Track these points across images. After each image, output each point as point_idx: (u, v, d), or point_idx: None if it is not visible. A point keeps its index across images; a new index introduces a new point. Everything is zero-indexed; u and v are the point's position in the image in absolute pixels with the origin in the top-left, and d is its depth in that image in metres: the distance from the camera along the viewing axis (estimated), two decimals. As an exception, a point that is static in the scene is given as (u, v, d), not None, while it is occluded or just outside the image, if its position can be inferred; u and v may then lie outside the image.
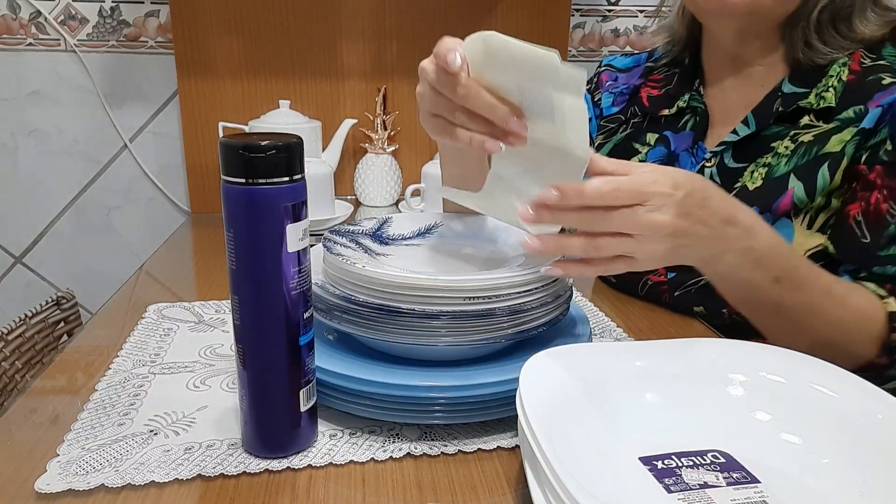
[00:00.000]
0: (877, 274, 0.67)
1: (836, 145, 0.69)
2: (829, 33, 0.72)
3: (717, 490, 0.42)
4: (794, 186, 0.71)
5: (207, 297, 0.81)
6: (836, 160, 0.69)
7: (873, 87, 0.69)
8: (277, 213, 0.44)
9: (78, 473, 0.46)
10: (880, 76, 0.70)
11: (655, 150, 0.84)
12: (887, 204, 0.67)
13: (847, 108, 0.70)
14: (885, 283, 0.66)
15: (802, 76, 0.74)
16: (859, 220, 0.68)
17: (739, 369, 0.51)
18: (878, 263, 0.67)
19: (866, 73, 0.71)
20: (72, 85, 1.34)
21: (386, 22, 1.35)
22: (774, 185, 0.72)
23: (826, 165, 0.70)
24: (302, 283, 0.47)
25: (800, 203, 0.71)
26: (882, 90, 0.69)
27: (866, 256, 0.67)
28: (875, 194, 0.67)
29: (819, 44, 0.72)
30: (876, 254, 0.67)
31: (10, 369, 0.87)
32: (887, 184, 0.67)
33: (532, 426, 0.40)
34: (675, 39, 0.86)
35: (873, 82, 0.70)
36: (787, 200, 0.71)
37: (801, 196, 0.70)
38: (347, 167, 1.42)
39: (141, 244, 1.43)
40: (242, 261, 0.45)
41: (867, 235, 0.67)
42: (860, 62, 0.72)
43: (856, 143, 0.68)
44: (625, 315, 0.79)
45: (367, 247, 0.62)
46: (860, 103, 0.69)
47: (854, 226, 0.68)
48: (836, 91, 0.71)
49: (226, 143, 0.43)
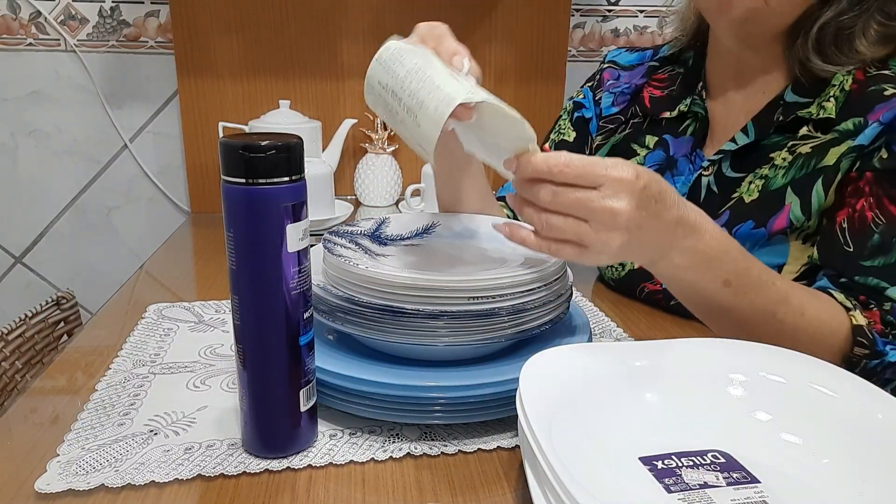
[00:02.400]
0: (858, 283, 0.65)
1: (833, 158, 0.68)
2: (830, 50, 0.70)
3: (717, 490, 0.42)
4: (790, 202, 0.70)
5: (207, 297, 0.81)
6: (830, 175, 0.68)
7: (875, 98, 0.68)
8: (277, 214, 0.44)
9: (78, 473, 0.46)
10: (883, 87, 0.68)
11: (654, 153, 0.83)
12: (872, 213, 0.65)
13: (847, 119, 0.68)
14: (859, 294, 0.64)
15: (806, 86, 0.72)
16: (844, 227, 0.66)
17: (739, 369, 0.51)
18: (860, 273, 0.65)
19: (869, 82, 0.69)
20: (72, 85, 1.34)
21: (386, 22, 1.35)
22: (771, 200, 0.71)
23: (821, 181, 0.68)
24: (302, 283, 0.47)
25: (796, 221, 0.69)
26: (883, 102, 0.67)
27: (848, 265, 0.66)
28: (862, 201, 0.66)
29: (818, 59, 0.70)
30: (858, 263, 0.65)
31: (10, 369, 0.87)
32: (875, 192, 0.66)
33: (532, 426, 0.40)
34: (686, 29, 0.85)
35: (875, 93, 0.68)
36: (783, 218, 0.70)
37: (797, 214, 0.69)
38: (347, 167, 1.42)
39: (141, 244, 1.43)
40: (242, 261, 0.45)
41: (850, 244, 0.66)
42: (865, 71, 0.70)
43: (851, 160, 0.67)
44: (625, 315, 0.79)
45: (366, 247, 0.62)
46: (861, 115, 0.68)
47: (839, 232, 0.67)
48: (838, 101, 0.70)
49: (226, 143, 0.43)
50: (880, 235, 0.64)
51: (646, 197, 0.51)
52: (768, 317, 0.59)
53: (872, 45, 0.69)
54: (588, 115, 0.92)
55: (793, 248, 0.71)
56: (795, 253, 0.71)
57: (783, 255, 0.72)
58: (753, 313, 0.59)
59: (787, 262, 0.72)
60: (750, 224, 0.72)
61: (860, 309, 0.63)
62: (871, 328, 0.62)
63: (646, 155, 0.84)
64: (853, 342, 0.62)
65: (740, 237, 0.72)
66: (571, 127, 0.93)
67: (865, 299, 0.64)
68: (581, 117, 0.92)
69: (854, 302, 0.64)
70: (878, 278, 0.64)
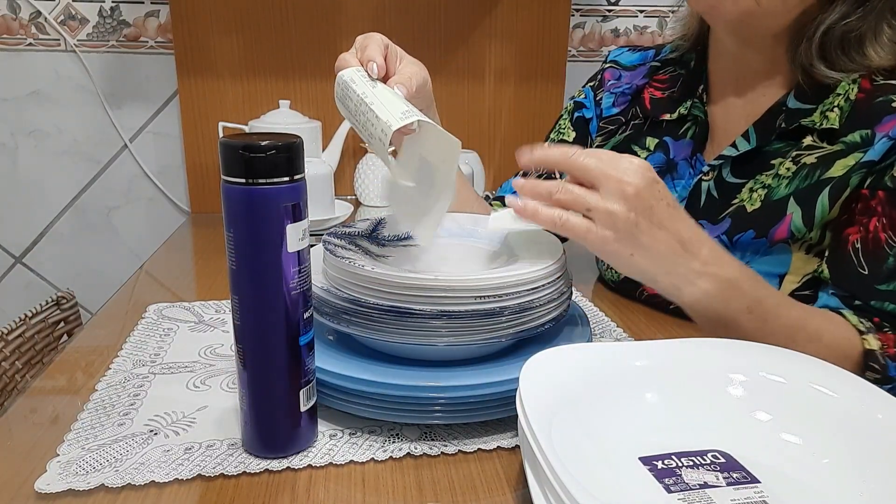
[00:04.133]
0: (874, 308, 0.64)
1: (840, 170, 0.67)
2: (835, 55, 0.68)
3: (717, 490, 0.42)
4: (792, 212, 0.69)
5: (207, 297, 0.81)
6: (838, 188, 0.67)
7: (883, 110, 0.66)
8: (277, 213, 0.44)
9: (78, 473, 0.46)
10: (891, 97, 0.66)
11: (654, 156, 0.82)
12: (886, 234, 0.64)
13: (853, 130, 0.67)
14: (873, 316, 0.64)
15: (809, 92, 0.70)
16: (857, 248, 0.65)
17: (739, 369, 0.51)
18: (876, 298, 0.64)
19: (876, 91, 0.67)
20: (72, 85, 1.34)
21: (386, 22, 1.35)
22: (773, 210, 0.70)
23: (826, 192, 0.67)
24: (302, 283, 0.47)
25: (797, 232, 0.69)
26: (892, 113, 0.65)
27: (863, 288, 0.65)
28: (874, 221, 0.65)
29: (822, 65, 0.68)
30: (874, 287, 0.64)
31: (10, 369, 0.87)
32: (888, 212, 0.64)
33: (532, 426, 0.40)
34: (688, 33, 0.84)
35: (883, 104, 0.66)
36: (783, 228, 0.69)
37: (798, 225, 0.69)
38: (347, 167, 1.42)
39: (141, 244, 1.43)
40: (242, 261, 0.45)
41: (865, 266, 0.65)
42: (871, 79, 0.68)
43: (861, 176, 0.66)
44: (625, 315, 0.79)
45: (366, 248, 0.62)
46: (868, 126, 0.66)
47: (852, 254, 0.65)
48: (843, 111, 0.68)
49: (226, 143, 0.43)
50: (895, 258, 0.64)
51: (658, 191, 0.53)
52: (788, 343, 0.58)
53: (885, 50, 0.67)
54: (589, 116, 0.92)
55: (795, 258, 0.70)
56: (798, 263, 0.70)
57: (784, 266, 0.71)
58: (775, 341, 0.57)
59: (789, 271, 0.71)
60: (751, 234, 0.71)
61: (873, 332, 0.62)
62: (883, 352, 0.61)
63: (646, 157, 0.83)
64: (864, 367, 0.61)
65: (741, 246, 0.72)
66: (571, 127, 0.92)
67: (880, 321, 0.64)
68: (581, 117, 0.92)
69: (868, 325, 0.63)
70: (895, 303, 0.64)
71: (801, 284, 0.71)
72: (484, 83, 1.42)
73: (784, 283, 0.72)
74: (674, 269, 0.55)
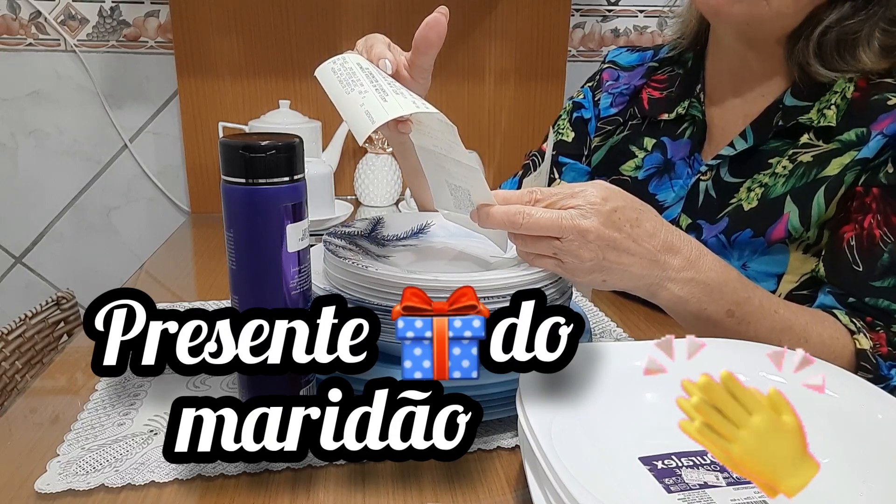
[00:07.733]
0: (868, 304, 0.64)
1: (835, 169, 0.67)
2: (831, 56, 0.69)
3: (717, 490, 0.42)
4: (789, 211, 0.69)
5: (207, 297, 0.81)
6: (833, 187, 0.67)
7: (878, 108, 0.66)
8: (277, 213, 0.44)
9: (78, 473, 0.46)
10: (886, 96, 0.67)
11: (652, 156, 0.83)
12: (881, 231, 0.64)
13: (849, 128, 0.67)
14: (867, 314, 0.64)
15: (805, 89, 0.71)
16: (852, 245, 0.65)
17: (739, 369, 0.51)
18: (870, 294, 0.64)
19: (872, 90, 0.68)
20: (72, 85, 1.34)
21: (386, 22, 1.35)
22: (769, 208, 0.70)
23: (822, 191, 0.67)
24: (302, 283, 0.47)
25: (794, 231, 0.69)
26: (887, 112, 0.66)
27: (857, 285, 0.65)
28: (869, 218, 0.65)
29: (818, 64, 0.69)
30: (869, 284, 0.64)
31: (10, 369, 0.87)
32: (882, 209, 0.64)
33: (532, 426, 0.40)
34: (686, 33, 0.84)
35: (878, 102, 0.67)
36: (780, 227, 0.69)
37: (795, 224, 0.69)
38: (347, 167, 1.42)
39: (141, 244, 1.43)
40: (242, 261, 0.45)
41: (859, 263, 0.65)
42: (867, 79, 0.69)
43: (855, 173, 0.66)
44: (625, 315, 0.79)
45: (366, 249, 0.62)
46: (863, 125, 0.67)
47: (846, 250, 0.66)
48: (839, 109, 0.68)
49: (226, 143, 0.43)
50: (889, 255, 0.64)
51: (618, 220, 0.50)
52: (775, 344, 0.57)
53: (875, 55, 0.67)
54: (587, 116, 0.92)
55: (793, 258, 0.70)
56: (795, 263, 0.70)
57: (782, 265, 0.71)
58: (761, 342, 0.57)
59: (787, 271, 0.71)
60: (749, 233, 0.72)
61: (865, 331, 0.62)
62: (875, 352, 0.61)
63: (644, 157, 0.83)
64: (856, 366, 0.61)
65: (739, 245, 0.72)
66: (570, 127, 0.92)
67: (872, 320, 0.63)
68: (580, 118, 0.92)
69: (859, 324, 0.63)
70: (889, 300, 0.64)
71: (799, 284, 0.71)
72: (484, 83, 1.42)
73: (782, 283, 0.72)
74: (644, 280, 0.54)
